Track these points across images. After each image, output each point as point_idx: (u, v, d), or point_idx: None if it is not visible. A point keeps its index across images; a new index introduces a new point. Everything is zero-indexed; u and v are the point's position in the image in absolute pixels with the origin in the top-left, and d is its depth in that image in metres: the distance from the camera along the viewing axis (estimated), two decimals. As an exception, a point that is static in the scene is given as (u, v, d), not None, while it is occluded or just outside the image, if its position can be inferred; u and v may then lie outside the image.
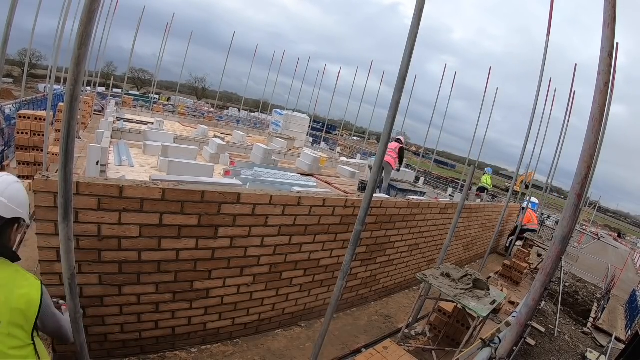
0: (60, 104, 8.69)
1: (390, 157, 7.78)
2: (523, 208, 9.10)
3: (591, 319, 7.50)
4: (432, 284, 3.31)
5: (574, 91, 9.06)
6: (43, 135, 5.52)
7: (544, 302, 6.39)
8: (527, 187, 10.52)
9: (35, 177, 1.89)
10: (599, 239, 29.28)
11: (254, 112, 30.70)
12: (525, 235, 8.90)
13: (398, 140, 8.11)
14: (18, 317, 1.20)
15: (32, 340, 1.26)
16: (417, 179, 14.36)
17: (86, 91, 13.37)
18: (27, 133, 6.04)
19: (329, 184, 9.41)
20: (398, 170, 8.19)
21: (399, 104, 1.97)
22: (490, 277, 6.80)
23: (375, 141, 40.86)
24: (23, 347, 1.22)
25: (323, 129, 24.25)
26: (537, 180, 14.38)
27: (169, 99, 28.86)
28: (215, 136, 11.51)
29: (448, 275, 3.50)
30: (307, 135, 18.78)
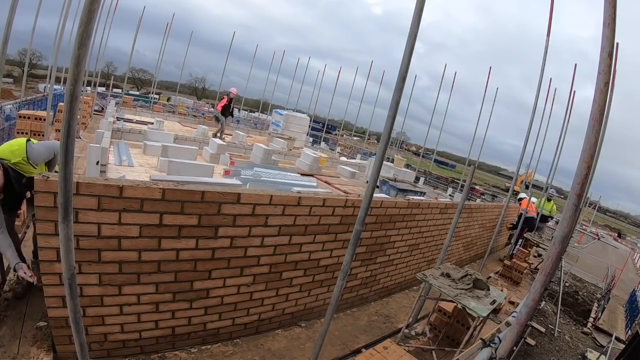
0: (60, 104, 8.69)
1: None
2: (512, 227, 8.85)
3: (591, 319, 7.49)
4: (432, 284, 3.31)
5: (574, 91, 9.06)
6: (43, 135, 5.51)
7: (544, 302, 6.39)
8: (527, 187, 10.53)
9: (35, 177, 1.89)
10: (599, 239, 29.27)
11: (254, 112, 30.69)
12: (525, 235, 8.86)
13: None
14: None
15: None
16: (417, 179, 14.37)
17: (86, 91, 13.37)
18: (27, 133, 6.05)
19: (329, 184, 9.41)
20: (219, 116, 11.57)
21: (398, 104, 1.97)
22: (490, 277, 6.80)
23: (375, 141, 40.86)
24: None
25: (323, 129, 24.26)
26: (537, 180, 14.40)
27: (169, 99, 28.87)
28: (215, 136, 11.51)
29: (448, 275, 3.50)
30: (307, 135, 18.79)
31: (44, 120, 5.71)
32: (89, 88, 15.34)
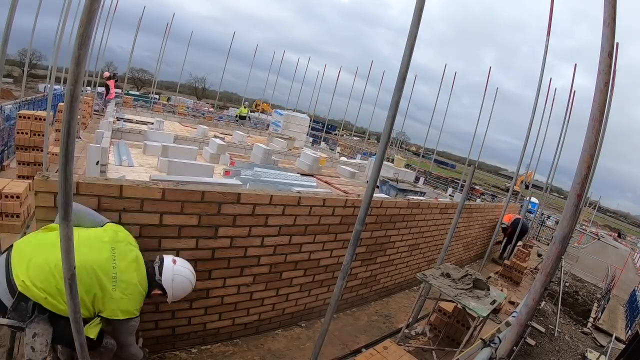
0: (60, 104, 8.69)
1: None
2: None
3: (591, 319, 7.48)
4: (432, 284, 3.31)
5: (574, 91, 9.07)
6: (43, 135, 5.51)
7: (544, 302, 6.38)
8: (527, 187, 10.53)
9: (35, 177, 1.89)
10: (599, 239, 29.25)
11: (254, 112, 30.67)
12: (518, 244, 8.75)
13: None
14: None
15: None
16: (417, 179, 14.36)
17: (86, 91, 13.36)
18: (27, 133, 6.03)
19: (329, 184, 9.41)
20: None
21: (398, 104, 1.97)
22: (490, 277, 6.80)
23: (375, 141, 40.86)
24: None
25: (323, 129, 24.25)
26: (536, 180, 14.40)
27: (168, 99, 28.83)
28: (215, 136, 11.52)
29: (448, 275, 3.50)
30: (307, 135, 18.79)
31: (44, 120, 5.70)
32: (88, 88, 15.33)
